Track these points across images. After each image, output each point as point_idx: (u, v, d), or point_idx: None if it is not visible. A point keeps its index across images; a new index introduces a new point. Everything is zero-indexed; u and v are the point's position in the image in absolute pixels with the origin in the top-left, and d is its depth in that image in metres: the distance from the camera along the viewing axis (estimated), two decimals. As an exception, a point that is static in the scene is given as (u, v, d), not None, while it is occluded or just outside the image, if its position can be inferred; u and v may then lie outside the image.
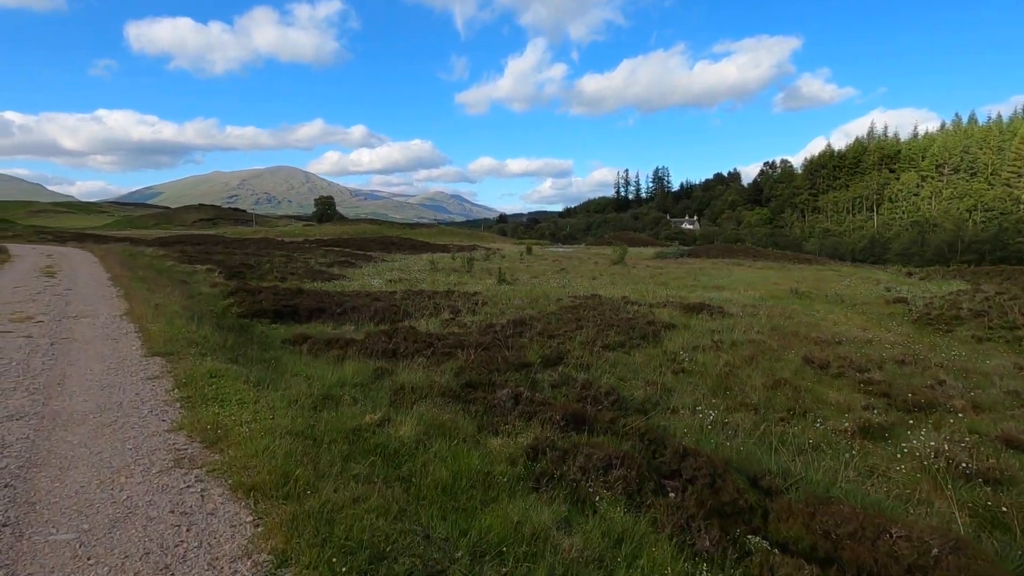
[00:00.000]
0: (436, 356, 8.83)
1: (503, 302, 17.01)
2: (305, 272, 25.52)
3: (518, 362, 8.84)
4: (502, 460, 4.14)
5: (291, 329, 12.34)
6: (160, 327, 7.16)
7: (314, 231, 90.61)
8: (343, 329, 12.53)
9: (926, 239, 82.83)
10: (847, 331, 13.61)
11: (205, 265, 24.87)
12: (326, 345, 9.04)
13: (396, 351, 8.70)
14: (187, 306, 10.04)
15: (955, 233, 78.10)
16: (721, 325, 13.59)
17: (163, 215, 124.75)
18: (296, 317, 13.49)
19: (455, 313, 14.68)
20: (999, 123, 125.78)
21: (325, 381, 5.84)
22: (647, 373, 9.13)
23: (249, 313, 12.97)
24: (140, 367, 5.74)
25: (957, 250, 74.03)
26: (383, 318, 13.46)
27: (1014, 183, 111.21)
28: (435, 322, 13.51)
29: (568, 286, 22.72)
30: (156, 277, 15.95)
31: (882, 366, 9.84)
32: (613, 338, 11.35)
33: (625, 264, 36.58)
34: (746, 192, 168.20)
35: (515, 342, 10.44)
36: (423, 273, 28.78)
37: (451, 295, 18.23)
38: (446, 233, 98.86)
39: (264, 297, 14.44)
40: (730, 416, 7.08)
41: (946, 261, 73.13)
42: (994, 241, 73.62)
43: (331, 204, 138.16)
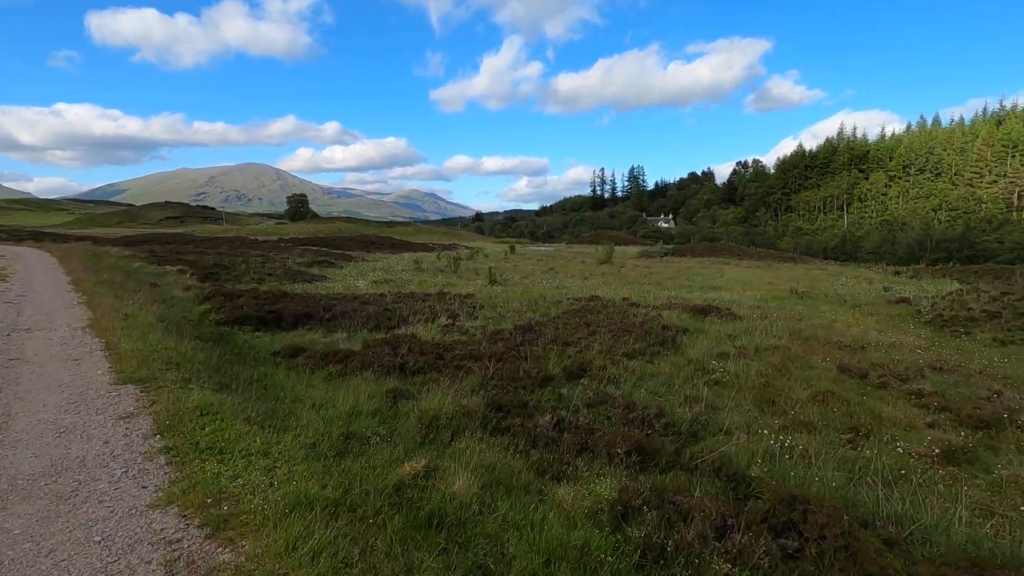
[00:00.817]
0: (448, 370, 7.88)
1: (501, 305, 16.10)
2: (284, 273, 24.16)
3: (540, 375, 7.94)
4: (584, 520, 3.26)
5: (277, 338, 11.24)
6: (131, 343, 6.01)
7: (287, 229, 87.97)
8: (334, 337, 11.47)
9: (896, 238, 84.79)
10: (864, 334, 13.09)
11: (176, 266, 23.31)
12: (323, 359, 8.00)
13: (404, 366, 7.71)
14: (161, 315, 8.85)
15: (924, 232, 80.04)
16: (735, 329, 12.92)
17: (127, 213, 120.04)
18: (281, 324, 12.36)
19: (453, 318, 13.70)
20: (961, 125, 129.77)
21: (337, 410, 4.85)
22: (680, 386, 8.33)
23: (229, 320, 11.79)
24: (109, 400, 4.57)
25: (927, 248, 75.86)
26: (377, 324, 12.42)
27: (976, 183, 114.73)
28: (434, 328, 12.53)
29: (563, 287, 21.91)
30: (123, 280, 14.56)
31: (922, 374, 9.25)
32: (631, 345, 10.54)
33: (612, 263, 35.98)
34: (720, 191, 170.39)
35: (529, 351, 9.53)
36: (408, 273, 27.64)
37: (444, 297, 17.23)
38: (424, 232, 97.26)
39: (245, 302, 13.24)
40: (790, 437, 6.30)
41: (916, 259, 74.89)
42: (961, 240, 75.60)
43: (304, 202, 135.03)
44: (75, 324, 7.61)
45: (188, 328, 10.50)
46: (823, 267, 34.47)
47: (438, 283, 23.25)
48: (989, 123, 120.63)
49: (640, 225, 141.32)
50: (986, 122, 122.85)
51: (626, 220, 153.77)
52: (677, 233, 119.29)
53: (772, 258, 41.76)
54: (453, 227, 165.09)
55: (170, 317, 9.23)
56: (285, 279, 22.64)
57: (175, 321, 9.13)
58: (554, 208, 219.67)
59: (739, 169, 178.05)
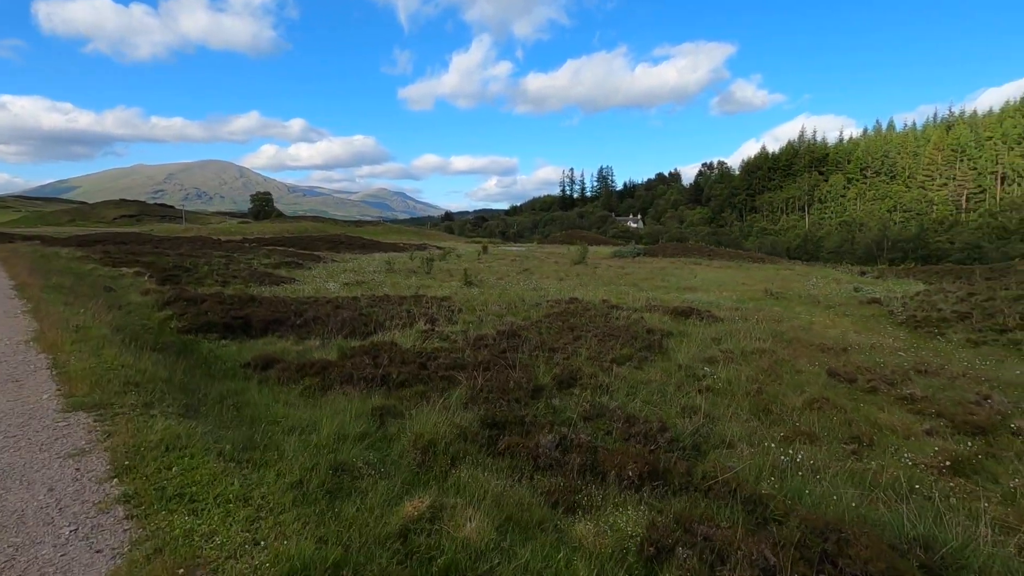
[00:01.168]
0: (434, 381, 7.44)
1: (479, 308, 15.68)
2: (249, 275, 23.17)
3: (530, 386, 7.57)
4: (613, 566, 2.91)
5: (246, 347, 10.57)
6: (83, 360, 5.33)
7: (251, 229, 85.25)
8: (307, 345, 10.88)
9: (855, 238, 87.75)
10: (844, 336, 13.17)
11: (132, 268, 22.09)
12: (298, 371, 7.45)
13: (388, 378, 7.23)
14: (118, 324, 8.13)
15: (881, 233, 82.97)
16: (718, 332, 12.83)
17: (79, 211, 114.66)
18: (249, 331, 11.67)
19: (432, 323, 13.22)
20: (914, 130, 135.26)
21: (321, 435, 4.37)
22: (673, 394, 8.08)
23: (193, 328, 11.05)
24: (56, 432, 3.87)
25: (884, 248, 78.65)
26: (352, 330, 11.86)
27: (928, 185, 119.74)
28: (412, 334, 12.03)
29: (540, 288, 21.61)
30: (74, 284, 13.57)
31: (908, 378, 9.25)
32: (619, 351, 10.28)
33: (586, 264, 35.93)
34: (687, 192, 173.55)
35: (516, 359, 9.16)
36: (380, 275, 26.92)
37: (420, 301, 16.71)
38: (393, 231, 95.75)
39: (209, 307, 12.47)
40: (792, 449, 6.10)
41: (875, 259, 77.58)
42: (916, 240, 78.64)
43: (269, 200, 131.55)
44: (17, 337, 6.83)
45: (148, 338, 9.77)
46: (791, 267, 35.18)
47: (412, 285, 22.66)
48: (940, 128, 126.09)
49: (610, 225, 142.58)
50: (937, 127, 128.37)
51: (596, 220, 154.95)
52: (646, 233, 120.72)
53: (741, 258, 42.44)
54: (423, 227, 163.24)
55: (127, 326, 8.51)
56: (251, 282, 21.70)
57: (133, 331, 8.41)
58: (524, 208, 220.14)
59: (704, 170, 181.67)
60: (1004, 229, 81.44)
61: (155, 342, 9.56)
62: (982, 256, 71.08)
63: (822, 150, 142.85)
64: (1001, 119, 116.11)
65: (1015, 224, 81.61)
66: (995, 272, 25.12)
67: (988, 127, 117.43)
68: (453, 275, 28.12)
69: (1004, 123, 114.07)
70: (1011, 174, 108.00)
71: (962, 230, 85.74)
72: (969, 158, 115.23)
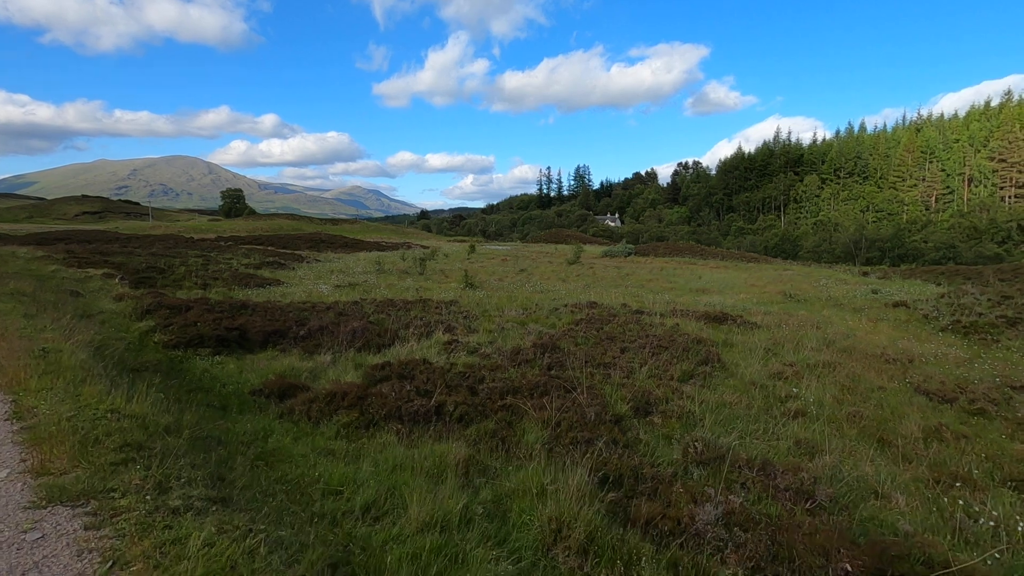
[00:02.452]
0: (495, 412, 6.13)
1: (494, 314, 14.37)
2: (231, 277, 21.38)
3: (608, 416, 6.33)
4: None
5: (246, 364, 9.10)
6: (57, 404, 3.88)
7: (224, 227, 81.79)
8: (316, 361, 9.44)
9: (833, 238, 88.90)
10: (894, 344, 12.27)
11: (101, 269, 20.09)
12: (328, 403, 6.05)
13: (441, 410, 5.89)
14: (95, 342, 6.59)
15: (858, 232, 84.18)
16: (765, 341, 11.79)
17: (37, 207, 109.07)
18: (246, 344, 10.17)
19: (450, 332, 11.86)
20: (885, 132, 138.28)
21: (410, 521, 3.05)
22: (761, 419, 6.93)
23: (181, 341, 9.49)
24: (24, 554, 2.37)
25: (861, 248, 79.81)
26: (366, 342, 10.44)
27: (899, 186, 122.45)
28: (433, 346, 10.68)
29: (546, 290, 20.38)
30: (36, 291, 11.80)
31: (1009, 396, 8.30)
32: (676, 366, 9.11)
33: (581, 263, 34.85)
34: (665, 191, 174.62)
35: (570, 378, 7.90)
36: (371, 276, 25.33)
37: (427, 305, 15.30)
38: (371, 229, 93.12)
39: (197, 316, 10.88)
40: (959, 499, 4.97)
41: (853, 258, 78.66)
42: (893, 240, 79.90)
43: (240, 197, 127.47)
44: None
45: (128, 357, 8.22)
46: (788, 267, 34.71)
47: (409, 287, 21.19)
48: (909, 130, 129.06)
49: (590, 224, 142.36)
50: (907, 129, 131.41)
51: (575, 219, 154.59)
52: (627, 232, 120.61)
53: (733, 258, 41.94)
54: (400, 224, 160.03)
55: (106, 344, 6.97)
56: (234, 284, 19.94)
57: (113, 351, 6.88)
58: (501, 206, 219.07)
59: (680, 170, 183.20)
60: (974, 229, 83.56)
61: (138, 361, 8.03)
62: (956, 255, 72.66)
63: (797, 151, 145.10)
64: (967, 122, 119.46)
65: (984, 224, 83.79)
66: (1004, 273, 24.89)
67: (955, 130, 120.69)
68: (449, 276, 26.68)
69: (971, 126, 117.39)
70: (978, 176, 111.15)
71: (935, 230, 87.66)
72: (938, 160, 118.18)
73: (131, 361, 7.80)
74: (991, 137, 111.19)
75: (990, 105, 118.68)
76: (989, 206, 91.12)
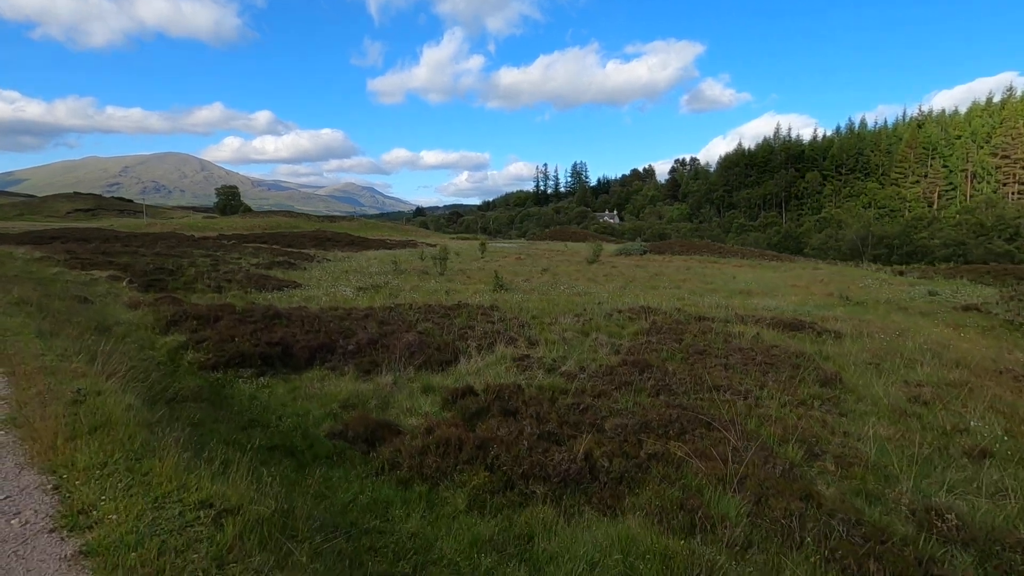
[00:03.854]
0: (649, 465, 4.87)
1: (547, 321, 13.11)
2: (245, 279, 19.99)
3: (778, 464, 5.08)
4: None
5: (296, 388, 7.81)
6: (119, 496, 2.61)
7: (221, 224, 79.93)
8: (377, 382, 8.15)
9: (839, 235, 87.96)
10: (1002, 356, 11.09)
11: (105, 271, 18.67)
12: (440, 454, 4.77)
13: (595, 469, 4.61)
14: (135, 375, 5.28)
15: (865, 229, 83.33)
16: (861, 351, 10.60)
17: (28, 204, 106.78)
18: (291, 362, 8.87)
19: (510, 343, 10.59)
20: (886, 128, 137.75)
21: None
22: (942, 462, 5.71)
23: (220, 362, 8.18)
24: None
25: (868, 245, 78.96)
26: (427, 359, 9.14)
27: (901, 183, 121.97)
28: (497, 361, 9.43)
29: (586, 293, 19.13)
30: (43, 298, 10.43)
31: None
32: (801, 389, 7.89)
33: (601, 262, 33.62)
34: (664, 188, 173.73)
35: (693, 407, 6.65)
36: (390, 276, 23.99)
37: (470, 312, 13.99)
38: (371, 227, 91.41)
39: (231, 329, 9.54)
40: None
41: (859, 255, 77.81)
42: (901, 236, 79.05)
43: (236, 195, 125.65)
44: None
45: (163, 382, 6.93)
46: (816, 266, 33.58)
47: (436, 290, 19.87)
48: (911, 127, 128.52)
49: (590, 221, 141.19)
50: (908, 126, 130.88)
51: (574, 216, 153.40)
52: (628, 229, 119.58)
53: (753, 256, 40.83)
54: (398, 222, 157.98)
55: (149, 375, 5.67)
56: (250, 287, 18.58)
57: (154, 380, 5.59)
58: (497, 203, 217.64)
59: (678, 167, 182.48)
60: (981, 226, 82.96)
61: (175, 388, 6.70)
62: (965, 253, 71.99)
63: (797, 147, 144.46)
64: (969, 118, 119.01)
65: (991, 221, 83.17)
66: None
67: (957, 126, 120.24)
68: (471, 276, 25.37)
69: (973, 122, 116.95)
70: (980, 172, 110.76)
71: (941, 227, 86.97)
72: (940, 156, 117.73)
73: (167, 387, 6.49)
74: (994, 133, 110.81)
75: (992, 101, 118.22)
76: (996, 202, 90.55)
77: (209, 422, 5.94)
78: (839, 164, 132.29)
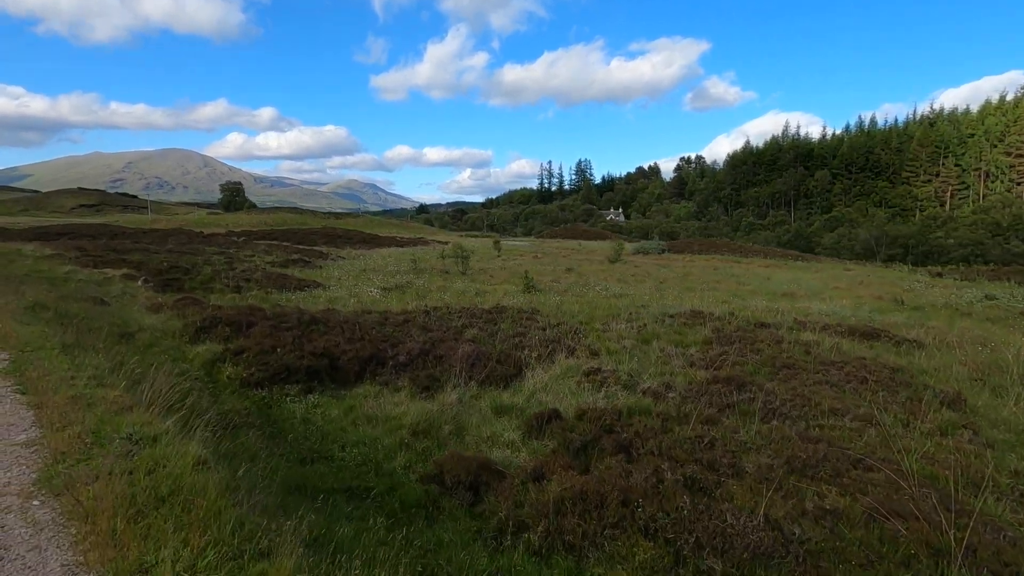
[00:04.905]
0: (840, 526, 3.91)
1: (601, 327, 12.14)
2: (264, 278, 19.06)
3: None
4: None
5: (350, 407, 6.90)
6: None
7: (226, 220, 78.94)
8: (440, 401, 7.23)
9: (852, 234, 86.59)
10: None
11: (119, 269, 17.74)
12: (579, 513, 3.80)
13: (785, 538, 3.64)
14: (190, 407, 4.35)
15: (880, 228, 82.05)
16: (955, 364, 9.62)
17: (32, 200, 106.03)
18: (337, 375, 7.93)
19: (570, 353, 9.63)
20: (896, 127, 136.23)
21: None
22: None
23: (264, 378, 7.24)
24: None
25: (883, 245, 77.72)
26: (490, 374, 8.20)
27: (912, 182, 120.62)
28: (563, 375, 8.49)
29: (621, 295, 18.15)
30: (59, 302, 9.49)
31: None
32: (931, 414, 6.91)
33: (624, 261, 32.64)
34: (670, 186, 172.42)
35: (829, 439, 5.69)
36: (409, 275, 23.03)
37: (511, 315, 13.01)
38: (375, 223, 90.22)
39: (268, 337, 8.59)
40: None
41: (873, 255, 76.55)
42: (918, 236, 77.76)
43: (240, 191, 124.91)
44: (8, 484, 2.92)
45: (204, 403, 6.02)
46: (846, 266, 32.55)
47: (463, 290, 18.92)
48: (922, 125, 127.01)
49: (597, 219, 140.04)
50: (919, 124, 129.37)
51: (580, 214, 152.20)
52: (635, 227, 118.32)
53: (776, 255, 39.80)
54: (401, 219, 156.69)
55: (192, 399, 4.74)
56: (270, 287, 17.65)
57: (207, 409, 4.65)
58: (500, 201, 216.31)
59: (683, 165, 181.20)
60: (997, 225, 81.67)
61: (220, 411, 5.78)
62: (984, 253, 70.65)
63: (806, 146, 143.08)
64: (982, 117, 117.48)
65: (1008, 220, 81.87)
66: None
67: (970, 124, 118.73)
68: (494, 276, 24.41)
69: (986, 121, 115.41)
70: (994, 171, 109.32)
71: (956, 226, 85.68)
72: (953, 154, 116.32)
73: (208, 408, 5.55)
74: (1008, 132, 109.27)
75: (1005, 99, 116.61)
76: (1011, 202, 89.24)
77: (265, 456, 5.01)
78: (849, 162, 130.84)
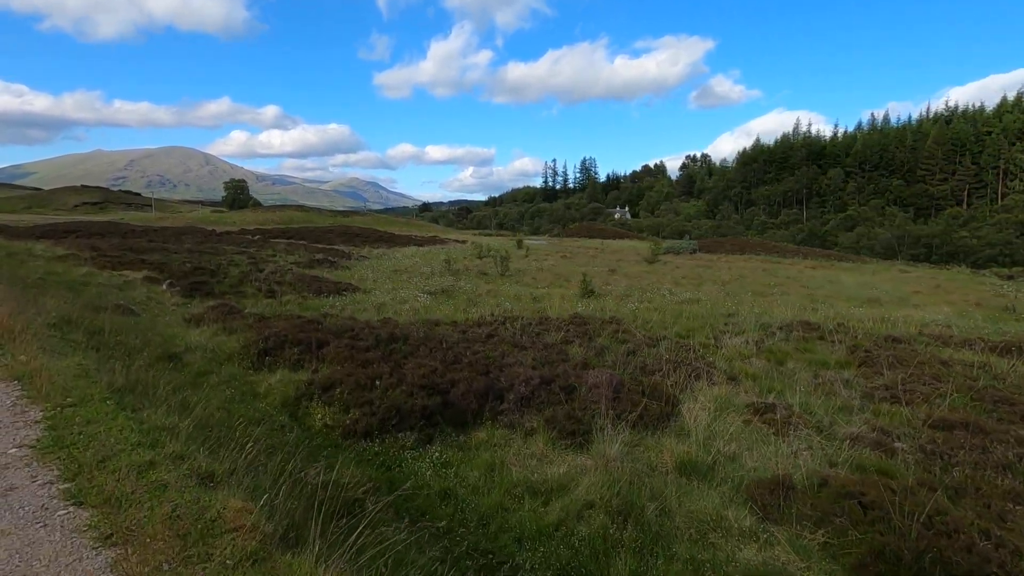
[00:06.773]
0: None
1: (709, 342, 10.42)
2: (297, 281, 17.35)
3: None
4: None
5: (492, 468, 5.31)
6: None
7: (232, 218, 77.10)
8: (593, 455, 5.52)
9: (873, 233, 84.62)
10: None
11: (139, 271, 16.03)
12: None
13: None
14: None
15: (902, 228, 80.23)
16: None
17: (36, 197, 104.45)
18: (452, 416, 6.18)
19: (709, 379, 7.91)
20: (911, 124, 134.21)
21: None
22: None
23: (372, 426, 5.51)
24: None
25: (905, 244, 75.84)
26: (632, 407, 6.45)
27: (928, 180, 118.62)
28: (718, 409, 6.78)
29: (691, 300, 16.40)
30: (82, 313, 7.77)
31: None
32: None
33: (662, 262, 30.92)
34: (678, 184, 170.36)
35: None
36: (446, 276, 21.30)
37: (597, 326, 11.28)
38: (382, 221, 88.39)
39: (356, 360, 6.84)
40: None
41: (895, 254, 74.69)
42: (942, 236, 75.90)
43: (244, 188, 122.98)
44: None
45: (300, 467, 4.23)
46: (904, 268, 30.83)
47: (518, 295, 17.18)
48: (938, 123, 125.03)
49: (604, 217, 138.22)
50: (934, 122, 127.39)
51: (587, 212, 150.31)
52: (646, 226, 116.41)
53: (817, 256, 38.03)
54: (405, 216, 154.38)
55: (291, 466, 3.00)
56: (306, 291, 15.94)
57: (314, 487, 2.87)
58: (504, 199, 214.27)
59: (688, 163, 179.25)
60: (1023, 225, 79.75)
61: (334, 480, 3.99)
62: (1012, 253, 68.69)
63: (818, 144, 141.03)
64: (1000, 114, 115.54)
65: (1033, 220, 79.95)
66: None
67: (987, 122, 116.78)
68: (536, 278, 22.68)
69: (1004, 118, 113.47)
70: (1013, 169, 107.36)
71: (979, 225, 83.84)
72: (969, 153, 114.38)
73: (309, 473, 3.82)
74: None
75: (1023, 97, 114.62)
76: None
77: (408, 562, 3.28)
78: (863, 161, 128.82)
